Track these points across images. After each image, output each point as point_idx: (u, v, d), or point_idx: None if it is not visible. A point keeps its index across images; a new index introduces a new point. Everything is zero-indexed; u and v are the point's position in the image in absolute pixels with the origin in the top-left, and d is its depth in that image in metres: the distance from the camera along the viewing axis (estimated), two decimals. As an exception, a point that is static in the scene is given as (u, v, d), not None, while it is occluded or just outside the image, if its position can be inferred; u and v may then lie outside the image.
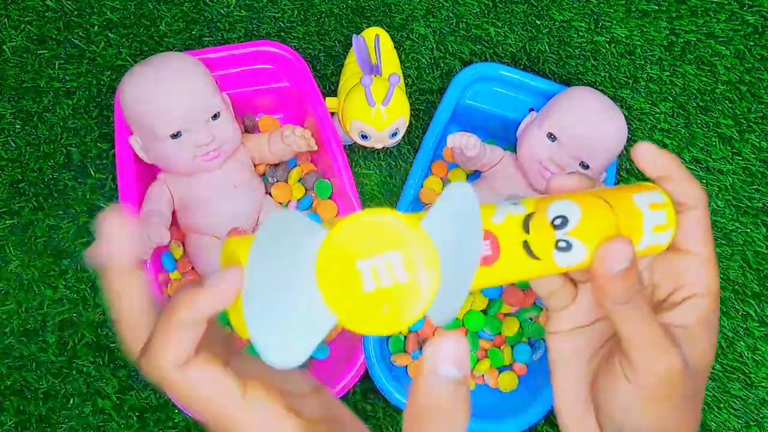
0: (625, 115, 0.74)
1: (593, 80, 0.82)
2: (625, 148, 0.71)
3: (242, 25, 0.82)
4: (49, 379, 0.72)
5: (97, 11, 0.81)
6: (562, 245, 0.30)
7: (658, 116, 0.81)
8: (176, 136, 0.68)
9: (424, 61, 0.82)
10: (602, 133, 0.70)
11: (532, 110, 0.76)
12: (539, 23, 0.83)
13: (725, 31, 0.84)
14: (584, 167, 0.70)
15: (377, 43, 0.73)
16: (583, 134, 0.69)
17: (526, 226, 0.30)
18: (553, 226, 0.30)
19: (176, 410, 0.71)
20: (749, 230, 0.79)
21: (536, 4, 0.84)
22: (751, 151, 0.81)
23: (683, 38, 0.83)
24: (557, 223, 0.30)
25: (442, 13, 0.83)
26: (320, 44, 0.82)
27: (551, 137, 0.71)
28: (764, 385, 0.76)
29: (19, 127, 0.78)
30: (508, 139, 0.78)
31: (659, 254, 0.34)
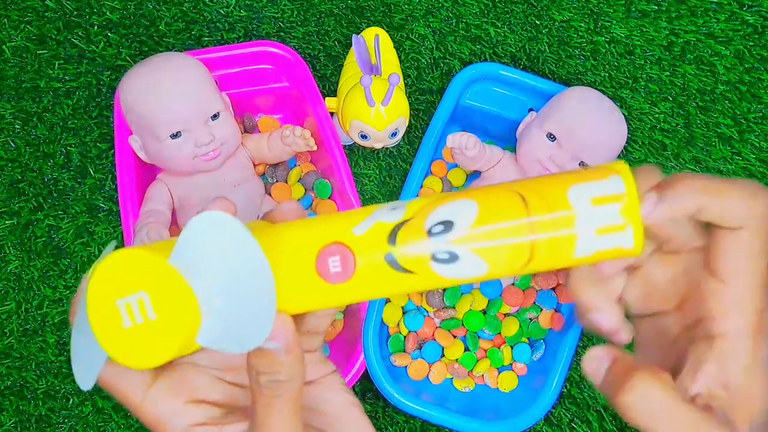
0: (625, 115, 0.74)
1: (593, 80, 0.82)
2: (625, 148, 0.71)
3: (242, 25, 0.82)
4: (48, 379, 0.72)
5: (97, 11, 0.81)
6: (441, 257, 0.26)
7: (657, 116, 0.81)
8: (176, 136, 0.68)
9: (423, 61, 0.82)
10: (602, 133, 0.70)
11: (531, 110, 0.76)
12: (539, 23, 0.83)
13: (725, 31, 0.84)
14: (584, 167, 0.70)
15: (377, 43, 0.73)
16: (582, 134, 0.69)
17: (393, 236, 0.26)
18: (429, 234, 0.26)
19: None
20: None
21: (536, 4, 0.84)
22: (750, 151, 0.81)
23: (683, 38, 0.83)
24: (436, 230, 0.26)
25: (441, 13, 0.83)
26: (320, 44, 0.82)
27: (551, 137, 0.71)
28: None
29: (18, 127, 0.78)
30: (507, 139, 0.78)
31: (638, 256, 0.27)
